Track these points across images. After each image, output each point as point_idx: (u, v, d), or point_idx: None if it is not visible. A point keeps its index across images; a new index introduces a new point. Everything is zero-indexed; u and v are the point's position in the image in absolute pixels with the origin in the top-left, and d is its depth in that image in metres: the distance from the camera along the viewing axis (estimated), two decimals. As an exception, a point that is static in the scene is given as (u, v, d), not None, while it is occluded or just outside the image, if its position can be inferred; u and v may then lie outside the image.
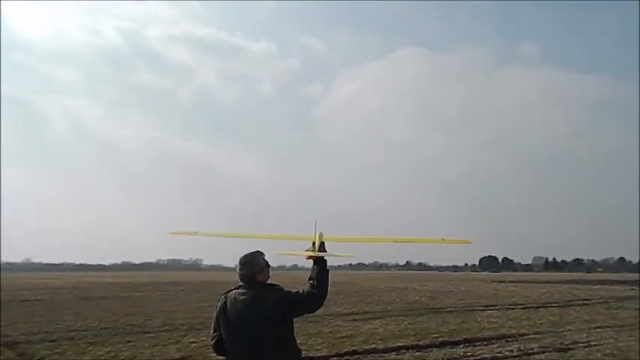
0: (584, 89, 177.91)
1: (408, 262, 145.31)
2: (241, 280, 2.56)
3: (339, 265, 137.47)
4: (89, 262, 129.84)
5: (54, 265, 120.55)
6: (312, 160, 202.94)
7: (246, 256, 2.58)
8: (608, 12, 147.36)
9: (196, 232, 3.17)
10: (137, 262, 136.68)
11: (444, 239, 2.86)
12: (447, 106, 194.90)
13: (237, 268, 2.56)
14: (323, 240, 2.69)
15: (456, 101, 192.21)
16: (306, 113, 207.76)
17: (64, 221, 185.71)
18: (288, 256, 2.98)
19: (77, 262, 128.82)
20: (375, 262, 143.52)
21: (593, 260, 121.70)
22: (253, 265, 2.56)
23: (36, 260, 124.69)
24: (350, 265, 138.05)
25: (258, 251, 2.62)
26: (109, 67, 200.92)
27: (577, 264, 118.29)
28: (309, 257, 2.61)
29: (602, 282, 35.25)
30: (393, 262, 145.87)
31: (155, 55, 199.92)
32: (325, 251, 2.67)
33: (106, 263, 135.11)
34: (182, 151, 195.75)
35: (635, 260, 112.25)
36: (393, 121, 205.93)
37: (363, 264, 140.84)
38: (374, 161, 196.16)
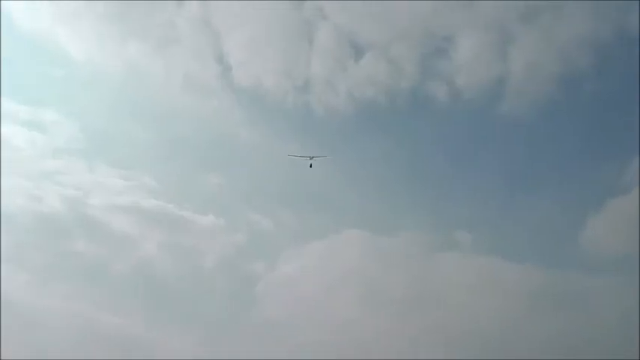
0: (519, 277, 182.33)
1: None
2: None
3: None
4: None
5: None
6: (252, 337, 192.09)
7: None
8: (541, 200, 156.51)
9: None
10: None
11: None
12: (389, 289, 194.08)
13: None
14: None
15: (398, 283, 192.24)
16: (247, 289, 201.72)
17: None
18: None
19: None
20: None
21: None
22: None
23: None
24: None
25: None
26: (42, 234, 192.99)
27: None
28: None
29: None
30: None
31: (95, 224, 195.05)
32: None
33: None
34: (110, 326, 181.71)
35: None
36: (336, 300, 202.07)
37: None
38: (315, 340, 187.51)
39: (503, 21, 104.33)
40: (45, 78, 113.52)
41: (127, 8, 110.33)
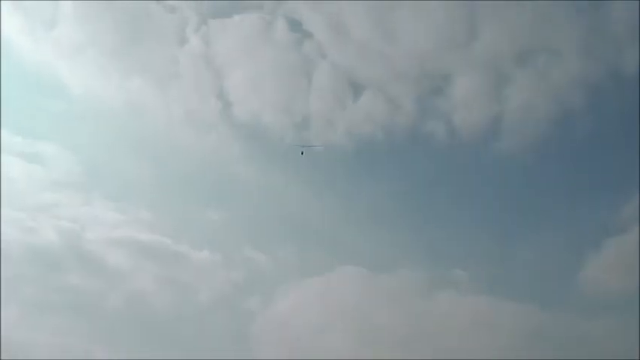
0: (517, 317, 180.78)
1: None
2: None
3: None
4: None
5: None
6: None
7: None
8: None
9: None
10: None
11: None
12: (386, 326, 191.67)
13: None
14: None
15: (395, 321, 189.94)
16: (243, 326, 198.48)
17: None
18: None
19: None
20: None
21: None
22: None
23: None
24: None
25: None
26: (35, 267, 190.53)
27: None
28: None
29: None
30: None
31: (90, 257, 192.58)
32: None
33: None
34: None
35: None
36: (333, 338, 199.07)
37: None
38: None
39: (498, 61, 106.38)
40: (45, 110, 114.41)
41: (130, 44, 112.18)
